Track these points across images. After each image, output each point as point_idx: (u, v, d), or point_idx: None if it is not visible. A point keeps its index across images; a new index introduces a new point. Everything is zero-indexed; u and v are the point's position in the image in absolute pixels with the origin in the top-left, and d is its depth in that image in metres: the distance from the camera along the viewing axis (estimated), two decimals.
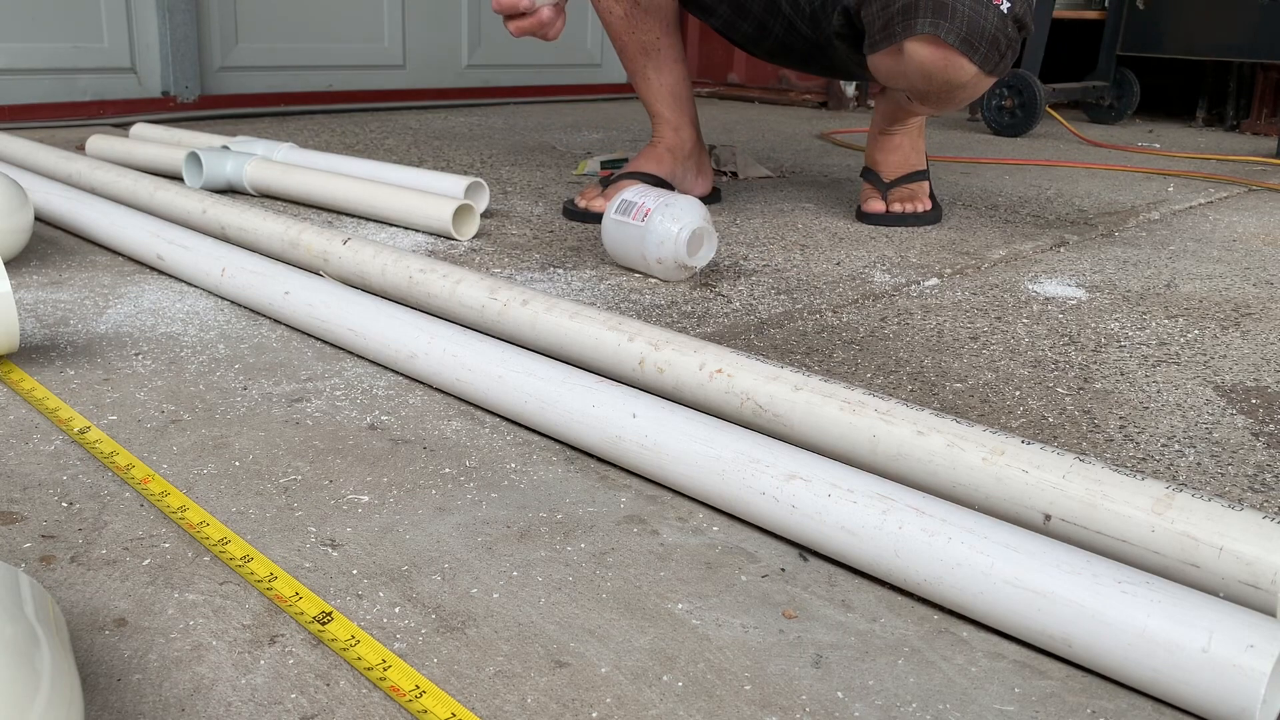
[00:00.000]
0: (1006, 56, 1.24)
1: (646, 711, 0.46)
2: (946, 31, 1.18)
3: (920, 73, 1.24)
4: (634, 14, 1.46)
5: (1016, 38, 1.24)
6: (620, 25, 1.47)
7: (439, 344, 0.79)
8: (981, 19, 1.19)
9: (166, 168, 1.58)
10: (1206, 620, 0.46)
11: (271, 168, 1.48)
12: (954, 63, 1.20)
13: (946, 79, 1.23)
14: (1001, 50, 1.22)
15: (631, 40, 1.48)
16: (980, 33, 1.19)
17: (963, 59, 1.20)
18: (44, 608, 0.42)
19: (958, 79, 1.23)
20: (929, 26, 1.18)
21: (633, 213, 1.12)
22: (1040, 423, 0.79)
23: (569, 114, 2.85)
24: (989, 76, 1.25)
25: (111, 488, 0.64)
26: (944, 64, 1.21)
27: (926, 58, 1.21)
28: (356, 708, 0.45)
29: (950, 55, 1.20)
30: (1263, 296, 1.18)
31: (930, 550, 0.53)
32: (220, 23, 2.43)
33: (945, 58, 1.20)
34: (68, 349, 0.88)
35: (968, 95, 1.30)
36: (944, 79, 1.24)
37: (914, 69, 1.23)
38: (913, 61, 1.22)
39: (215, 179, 1.48)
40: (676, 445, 0.64)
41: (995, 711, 0.47)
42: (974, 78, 1.23)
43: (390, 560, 0.57)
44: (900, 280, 1.19)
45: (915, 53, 1.21)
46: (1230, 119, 3.00)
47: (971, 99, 1.33)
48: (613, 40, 1.51)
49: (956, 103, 1.33)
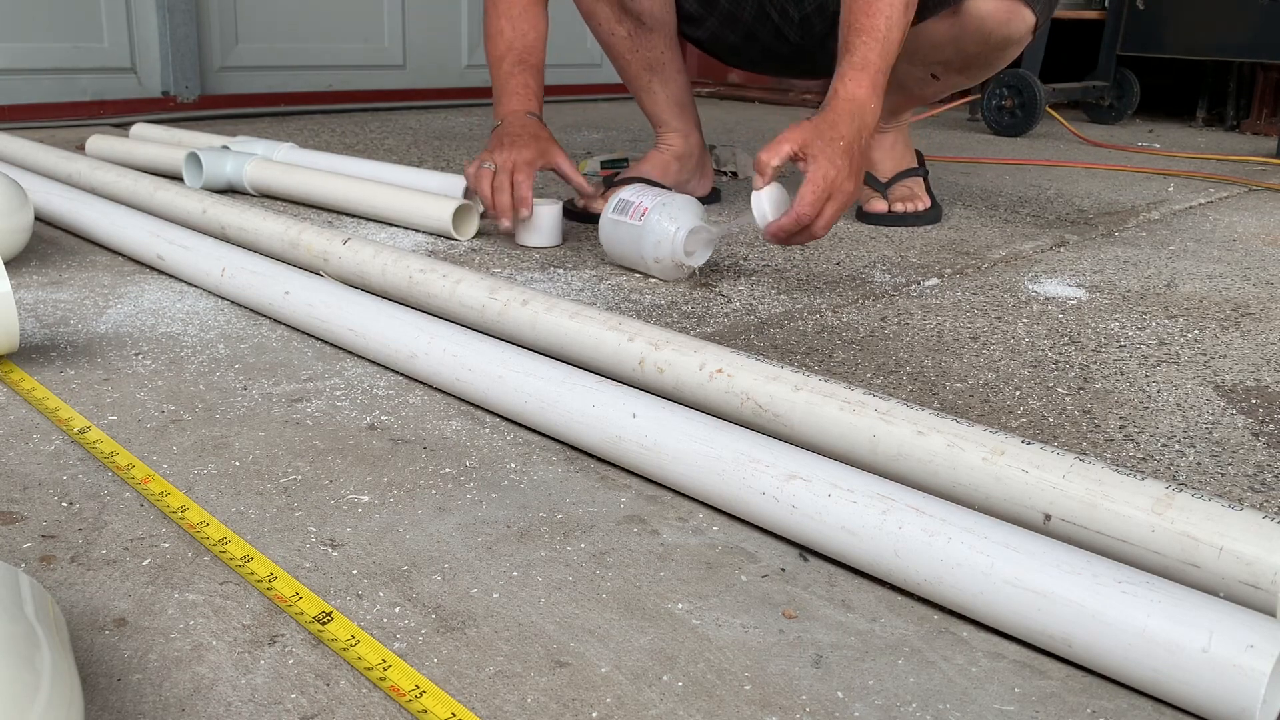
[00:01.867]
0: (1051, 7, 1.30)
1: (646, 711, 0.46)
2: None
3: (981, 31, 1.28)
4: (638, 34, 1.45)
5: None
6: (624, 45, 1.46)
7: (439, 344, 0.79)
8: None
9: (166, 168, 1.58)
10: (1206, 620, 0.46)
11: (271, 168, 1.48)
12: (1017, 14, 1.26)
13: (1006, 34, 1.28)
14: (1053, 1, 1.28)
15: (636, 59, 1.47)
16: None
17: (1025, 8, 1.25)
18: (44, 608, 0.42)
19: (1017, 32, 1.28)
20: None
21: (630, 212, 1.12)
22: (1040, 423, 0.79)
23: (569, 114, 2.85)
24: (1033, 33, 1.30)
25: (111, 488, 0.64)
26: (1007, 16, 1.26)
27: (990, 11, 1.26)
28: (356, 708, 0.45)
29: (1015, 6, 1.25)
30: (1263, 296, 1.18)
31: (930, 550, 0.53)
32: (220, 23, 2.43)
33: (1009, 9, 1.25)
34: (68, 349, 0.88)
35: (1011, 54, 1.34)
36: (1004, 34, 1.28)
37: (974, 28, 1.28)
38: (974, 19, 1.27)
39: (215, 179, 1.48)
40: (676, 445, 0.64)
41: (995, 711, 0.47)
42: (1029, 30, 1.28)
43: (390, 560, 0.57)
44: (900, 280, 1.19)
45: (979, 8, 1.26)
46: (1230, 119, 3.00)
47: (1008, 62, 1.37)
48: (614, 60, 1.49)
49: (995, 67, 1.38)
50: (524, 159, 1.24)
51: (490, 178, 1.23)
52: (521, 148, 1.25)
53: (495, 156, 1.25)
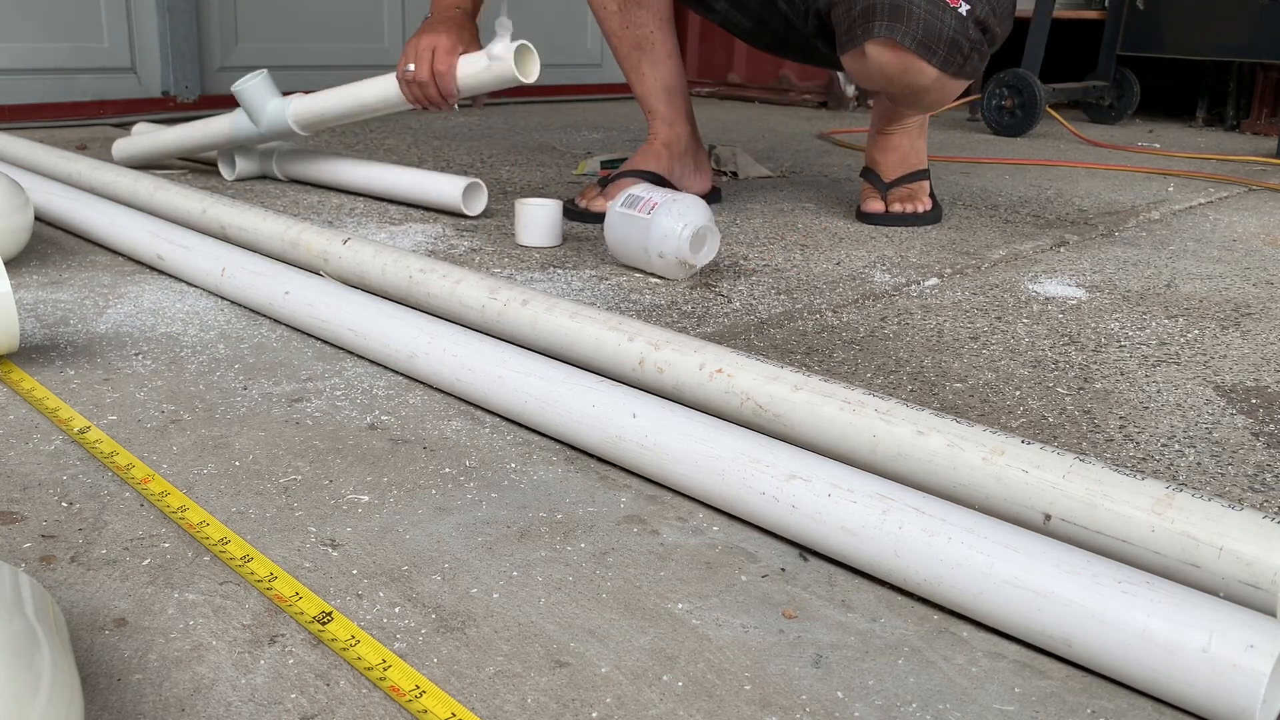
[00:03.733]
0: (971, 59, 1.25)
1: (646, 711, 0.46)
2: (902, 35, 1.19)
3: (882, 75, 1.25)
4: (628, 8, 1.46)
5: (981, 39, 1.24)
6: (614, 20, 1.48)
7: (439, 344, 0.79)
8: (938, 22, 1.20)
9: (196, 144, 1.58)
10: (1206, 620, 0.46)
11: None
12: (913, 65, 1.21)
13: (907, 81, 1.24)
14: (965, 53, 1.23)
15: (626, 35, 1.48)
16: (937, 36, 1.20)
17: (921, 62, 1.21)
18: (44, 608, 0.42)
19: (919, 81, 1.24)
20: (885, 30, 1.19)
21: (639, 206, 1.13)
22: (1040, 423, 0.79)
23: (569, 114, 2.85)
24: (955, 79, 1.25)
25: (111, 488, 0.64)
26: (903, 67, 1.22)
27: (885, 61, 1.22)
28: (356, 708, 0.45)
29: (908, 58, 1.21)
30: (1263, 296, 1.18)
31: (930, 550, 0.53)
32: (220, 23, 2.43)
33: (903, 60, 1.21)
34: (68, 349, 0.88)
35: (936, 97, 1.30)
36: (905, 81, 1.24)
37: (876, 71, 1.25)
38: (873, 64, 1.24)
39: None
40: (676, 445, 0.64)
41: (995, 711, 0.47)
42: (936, 80, 1.24)
43: (390, 560, 0.57)
44: (900, 280, 1.19)
45: (875, 56, 1.22)
46: (1230, 119, 3.00)
47: (944, 101, 1.33)
48: (607, 36, 1.51)
49: (927, 105, 1.34)
50: (443, 47, 1.30)
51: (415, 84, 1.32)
52: (439, 34, 1.31)
53: (417, 43, 1.31)
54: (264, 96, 1.45)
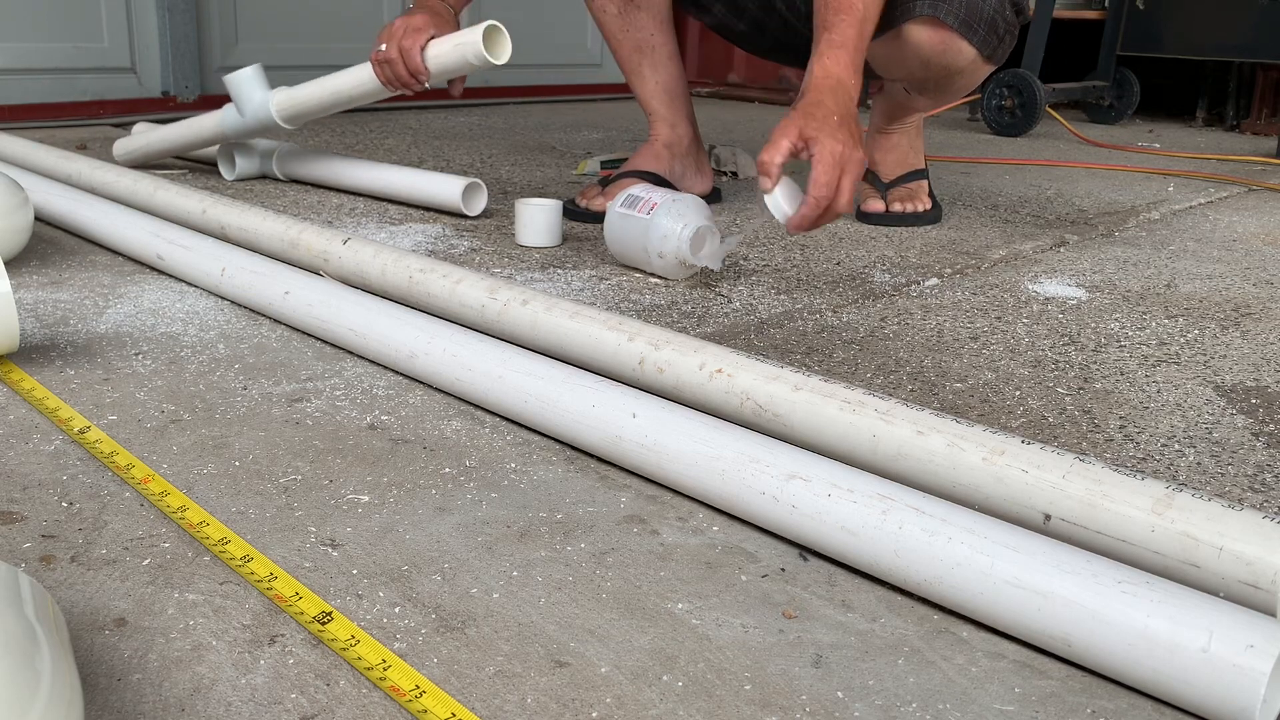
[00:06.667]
0: (1005, 41, 1.26)
1: (646, 711, 0.46)
2: (945, 13, 1.20)
3: (918, 57, 1.25)
4: (628, 11, 1.46)
5: (1015, 22, 1.26)
6: (615, 24, 1.48)
7: (439, 344, 0.79)
8: (980, 1, 1.20)
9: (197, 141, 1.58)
10: (1206, 620, 0.46)
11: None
12: (953, 45, 1.22)
13: (945, 63, 1.25)
14: (1000, 34, 1.24)
15: (626, 38, 1.48)
16: (979, 15, 1.21)
17: (962, 41, 1.22)
18: (44, 608, 0.42)
19: (956, 63, 1.25)
20: (928, 8, 1.20)
21: (639, 206, 1.13)
22: (1040, 423, 0.79)
23: (569, 114, 2.85)
24: (987, 63, 1.27)
25: (111, 488, 0.64)
26: (943, 46, 1.22)
27: (925, 40, 1.23)
28: (356, 708, 0.45)
29: (949, 37, 1.22)
30: (1263, 296, 1.18)
31: (930, 550, 0.53)
32: (220, 23, 2.43)
33: (944, 40, 1.22)
34: (68, 349, 0.88)
35: (965, 82, 1.31)
36: (942, 63, 1.25)
37: (912, 54, 1.25)
38: (911, 45, 1.24)
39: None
40: (676, 445, 0.64)
41: (995, 711, 0.47)
42: (972, 62, 1.25)
43: (390, 560, 0.57)
44: (900, 280, 1.19)
45: (914, 35, 1.23)
46: (1230, 119, 3.00)
47: (969, 88, 1.34)
48: (607, 39, 1.51)
49: (954, 91, 1.35)
50: (413, 26, 1.31)
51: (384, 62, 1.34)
52: (412, 15, 1.33)
53: (390, 25, 1.33)
54: (252, 88, 1.45)
